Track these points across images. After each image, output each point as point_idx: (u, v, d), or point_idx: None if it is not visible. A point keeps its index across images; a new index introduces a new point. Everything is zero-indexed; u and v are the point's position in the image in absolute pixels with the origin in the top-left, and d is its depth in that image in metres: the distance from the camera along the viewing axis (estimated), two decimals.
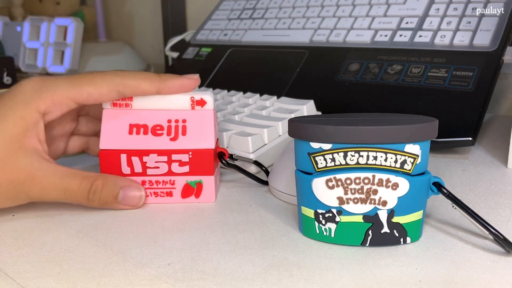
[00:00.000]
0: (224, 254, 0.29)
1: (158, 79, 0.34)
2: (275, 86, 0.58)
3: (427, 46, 0.52)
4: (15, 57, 0.85)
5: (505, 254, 0.28)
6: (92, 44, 0.93)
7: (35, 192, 0.33)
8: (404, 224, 0.29)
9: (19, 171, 0.32)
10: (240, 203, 0.36)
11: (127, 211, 0.35)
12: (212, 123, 0.36)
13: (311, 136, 0.28)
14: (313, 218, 0.30)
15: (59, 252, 0.30)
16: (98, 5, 0.96)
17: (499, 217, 0.33)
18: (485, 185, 0.38)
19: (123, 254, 0.29)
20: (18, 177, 0.32)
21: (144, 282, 0.26)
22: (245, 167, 0.40)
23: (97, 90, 0.34)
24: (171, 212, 0.35)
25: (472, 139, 0.43)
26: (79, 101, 0.34)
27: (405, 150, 0.28)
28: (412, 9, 0.57)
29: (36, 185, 0.33)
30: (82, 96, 0.34)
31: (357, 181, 0.28)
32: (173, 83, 0.35)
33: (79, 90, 0.34)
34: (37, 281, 0.27)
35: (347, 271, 0.27)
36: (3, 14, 0.97)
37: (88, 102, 0.34)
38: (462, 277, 0.26)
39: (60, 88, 0.33)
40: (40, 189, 0.33)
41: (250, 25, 0.69)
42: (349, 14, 0.61)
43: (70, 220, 0.34)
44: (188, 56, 0.72)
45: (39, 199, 0.33)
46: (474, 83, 0.47)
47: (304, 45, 0.61)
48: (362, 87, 0.52)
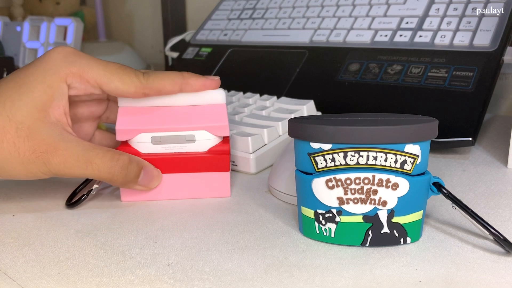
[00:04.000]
0: (224, 254, 0.29)
1: (181, 78, 0.35)
2: (275, 86, 0.58)
3: (427, 46, 0.52)
4: (15, 57, 0.85)
5: (505, 254, 0.28)
6: (92, 44, 0.93)
7: (56, 164, 0.32)
8: (404, 224, 0.29)
9: (41, 140, 0.32)
10: (240, 203, 0.36)
11: (127, 211, 0.35)
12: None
13: (311, 136, 0.28)
14: (313, 218, 0.30)
15: (59, 252, 0.30)
16: (98, 5, 0.96)
17: (499, 217, 0.33)
18: (485, 185, 0.38)
19: (123, 254, 0.29)
20: (40, 147, 0.32)
21: (144, 282, 0.26)
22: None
23: (125, 88, 0.34)
24: (171, 212, 0.35)
25: (472, 139, 0.43)
26: (105, 90, 0.34)
27: (405, 150, 0.28)
28: (412, 9, 0.57)
29: (58, 157, 0.32)
30: (109, 87, 0.34)
31: (357, 181, 0.28)
32: (195, 83, 0.35)
33: (108, 81, 0.33)
34: (37, 281, 0.27)
35: (347, 271, 0.27)
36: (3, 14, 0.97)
37: (113, 94, 0.35)
38: (462, 277, 0.26)
39: (92, 70, 0.33)
40: (61, 161, 0.32)
41: (250, 25, 0.69)
42: (349, 14, 0.61)
43: (70, 220, 0.34)
44: (188, 56, 0.72)
45: (61, 173, 0.33)
46: (474, 83, 0.47)
47: (304, 45, 0.61)
48: (362, 87, 0.52)
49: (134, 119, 0.35)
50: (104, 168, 0.33)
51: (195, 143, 0.36)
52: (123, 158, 0.33)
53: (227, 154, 0.36)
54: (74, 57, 0.33)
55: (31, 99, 0.32)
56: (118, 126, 0.35)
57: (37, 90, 0.32)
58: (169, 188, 0.37)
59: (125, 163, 0.33)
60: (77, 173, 0.33)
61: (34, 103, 0.32)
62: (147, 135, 0.35)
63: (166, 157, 0.36)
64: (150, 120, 0.35)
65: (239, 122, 0.45)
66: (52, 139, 0.32)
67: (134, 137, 0.35)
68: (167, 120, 0.35)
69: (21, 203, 0.36)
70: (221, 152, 0.36)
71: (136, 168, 0.34)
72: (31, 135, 0.31)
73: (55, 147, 0.32)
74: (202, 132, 0.36)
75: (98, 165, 0.33)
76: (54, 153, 0.32)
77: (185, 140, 0.36)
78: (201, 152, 0.36)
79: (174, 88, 0.35)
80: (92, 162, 0.32)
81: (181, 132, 0.36)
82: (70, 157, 0.32)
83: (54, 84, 0.32)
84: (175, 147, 0.36)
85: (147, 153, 0.36)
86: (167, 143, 0.36)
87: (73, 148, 0.32)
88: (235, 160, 0.42)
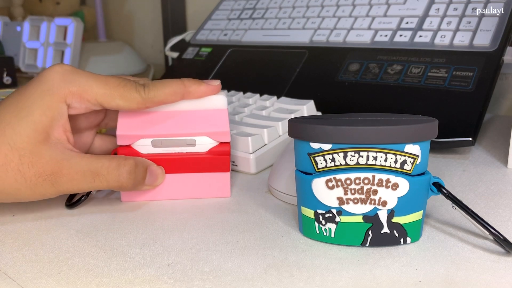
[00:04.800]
0: (224, 254, 0.29)
1: (183, 88, 0.35)
2: (275, 86, 0.58)
3: (427, 46, 0.52)
4: (15, 57, 0.85)
5: (505, 254, 0.28)
6: (92, 44, 0.93)
7: (63, 183, 0.32)
8: (404, 224, 0.29)
9: (45, 163, 0.31)
10: (240, 203, 0.36)
11: (127, 211, 0.35)
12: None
13: (311, 136, 0.28)
14: (313, 218, 0.30)
15: (59, 252, 0.30)
16: (98, 5, 0.96)
17: (499, 217, 0.33)
18: (485, 185, 0.38)
19: (123, 254, 0.29)
20: (45, 170, 0.31)
21: (144, 282, 0.26)
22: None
23: (127, 105, 0.33)
24: (171, 212, 0.35)
25: (472, 139, 0.43)
26: (106, 107, 0.34)
27: (405, 150, 0.28)
28: (412, 9, 0.57)
29: (64, 176, 0.32)
30: (110, 105, 0.33)
31: (357, 181, 0.28)
32: (196, 90, 0.35)
33: (109, 99, 0.33)
34: (37, 281, 0.27)
35: (347, 272, 0.27)
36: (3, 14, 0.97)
37: (114, 110, 0.35)
38: (462, 277, 0.26)
39: (92, 89, 0.33)
40: (68, 180, 0.32)
41: (250, 25, 0.69)
42: (349, 14, 0.61)
43: (70, 220, 0.34)
44: (188, 56, 0.72)
45: (69, 190, 0.33)
46: (474, 83, 0.47)
47: (304, 45, 0.61)
48: (362, 87, 0.52)
49: (135, 124, 0.35)
50: (111, 177, 0.33)
51: (195, 147, 0.36)
52: (129, 164, 0.33)
53: (228, 154, 0.36)
54: (72, 76, 0.33)
55: (30, 123, 0.32)
56: (119, 131, 0.35)
57: (36, 113, 0.32)
58: (170, 188, 0.37)
59: (131, 168, 0.33)
60: (85, 187, 0.33)
61: (34, 127, 0.32)
62: (148, 140, 0.35)
63: (166, 157, 0.36)
64: (151, 125, 0.35)
65: (239, 122, 0.45)
66: (56, 160, 0.32)
67: (135, 142, 0.35)
68: (168, 125, 0.35)
69: (21, 203, 0.36)
70: (222, 153, 0.36)
71: (142, 170, 0.34)
72: (35, 160, 0.31)
73: (59, 167, 0.32)
74: (203, 138, 0.36)
75: (105, 176, 0.33)
76: (59, 173, 0.32)
77: (186, 144, 0.36)
78: (202, 152, 0.36)
79: (176, 98, 0.35)
80: (98, 174, 0.32)
81: (182, 137, 0.36)
82: (76, 174, 0.32)
83: (53, 106, 0.32)
84: (175, 150, 0.36)
85: (147, 154, 0.36)
86: (168, 147, 0.36)
87: (77, 165, 0.32)
88: (235, 160, 0.42)
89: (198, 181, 0.37)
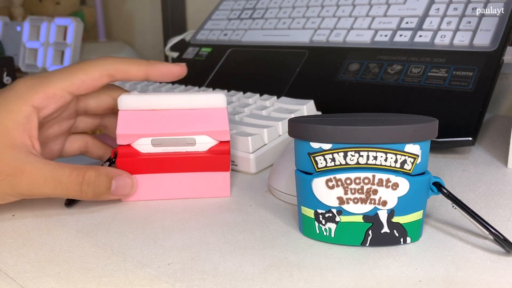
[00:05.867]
0: (224, 254, 0.29)
1: (147, 63, 0.36)
2: (275, 86, 0.58)
3: (427, 46, 0.52)
4: (15, 57, 0.85)
5: (505, 254, 0.28)
6: (92, 44, 0.93)
7: (24, 186, 0.32)
8: (404, 224, 0.29)
9: (6, 164, 0.32)
10: (240, 203, 0.36)
11: (127, 211, 0.35)
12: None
13: (311, 136, 0.28)
14: (313, 218, 0.30)
15: (59, 252, 0.30)
16: (98, 5, 0.96)
17: (499, 217, 0.33)
18: (485, 185, 0.38)
19: (123, 254, 0.29)
20: (5, 170, 0.32)
21: (144, 282, 0.26)
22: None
23: (89, 76, 0.34)
24: (171, 212, 0.35)
25: (472, 139, 0.43)
26: (73, 91, 0.34)
27: (405, 150, 0.28)
28: (412, 9, 0.57)
29: (25, 179, 0.32)
30: (75, 84, 0.34)
31: (357, 181, 0.28)
32: (160, 68, 0.36)
33: (71, 79, 0.34)
34: (37, 281, 0.27)
35: (347, 271, 0.27)
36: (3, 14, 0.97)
37: (82, 91, 0.35)
38: (462, 277, 0.26)
39: (53, 81, 0.34)
40: (29, 183, 0.32)
41: (250, 25, 0.69)
42: (349, 14, 0.61)
43: (70, 220, 0.34)
44: (188, 56, 0.72)
45: (29, 194, 0.33)
46: (474, 83, 0.47)
47: (304, 45, 0.61)
48: (362, 87, 0.52)
49: (135, 123, 0.35)
50: (72, 186, 0.33)
51: (195, 146, 0.36)
52: (88, 174, 0.33)
53: (227, 154, 0.36)
54: (34, 81, 0.34)
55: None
56: (118, 131, 0.35)
57: (1, 116, 0.33)
58: (169, 188, 0.37)
59: (91, 179, 0.33)
60: (46, 193, 0.33)
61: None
62: (147, 139, 0.35)
63: (166, 156, 0.36)
64: (151, 124, 0.35)
65: (239, 122, 0.45)
66: (18, 163, 0.32)
67: (135, 141, 0.36)
68: (168, 124, 0.35)
69: (21, 203, 0.36)
70: (221, 152, 0.36)
71: (105, 180, 0.34)
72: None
73: (21, 170, 0.32)
74: (202, 137, 0.36)
75: (66, 184, 0.33)
76: (20, 175, 0.32)
77: (185, 143, 0.36)
78: (201, 151, 0.36)
79: (139, 70, 0.36)
80: (60, 181, 0.33)
81: (182, 136, 0.36)
82: (38, 178, 0.32)
83: (16, 109, 0.33)
84: (175, 149, 0.36)
85: (147, 153, 0.36)
86: (168, 146, 0.36)
87: (40, 169, 0.32)
88: (235, 160, 0.42)
89: (198, 180, 0.37)
